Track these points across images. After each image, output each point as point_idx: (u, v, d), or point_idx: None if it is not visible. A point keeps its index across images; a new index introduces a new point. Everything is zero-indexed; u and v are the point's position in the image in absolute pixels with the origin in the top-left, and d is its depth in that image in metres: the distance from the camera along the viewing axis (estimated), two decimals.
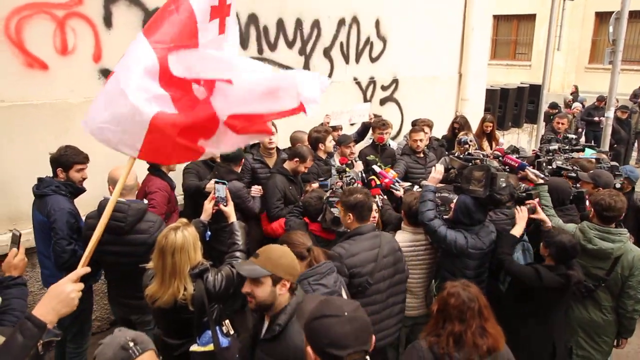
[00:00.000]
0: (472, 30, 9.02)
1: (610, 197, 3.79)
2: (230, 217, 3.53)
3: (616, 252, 3.73)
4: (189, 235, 2.86)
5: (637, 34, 17.81)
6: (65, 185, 3.89)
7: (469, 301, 2.55)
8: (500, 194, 3.64)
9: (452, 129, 7.27)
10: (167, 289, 2.80)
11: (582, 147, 5.76)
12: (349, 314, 1.89)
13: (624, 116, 10.83)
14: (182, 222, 2.94)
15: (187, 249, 2.82)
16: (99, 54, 4.88)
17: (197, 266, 2.89)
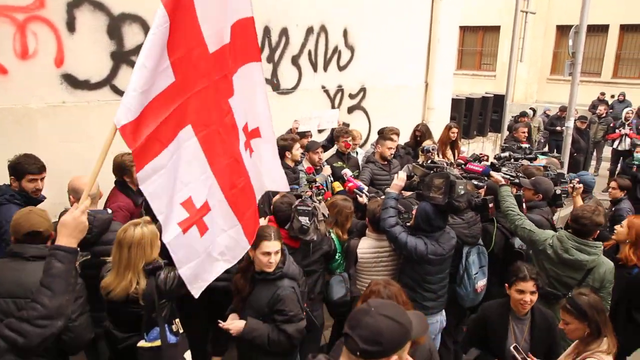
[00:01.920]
0: (438, 41, 9.20)
1: (592, 213, 3.84)
2: None
3: (590, 264, 3.79)
4: (147, 232, 2.94)
5: (595, 47, 18.48)
6: (20, 195, 3.75)
7: (387, 298, 2.72)
8: (459, 200, 3.70)
9: (414, 137, 7.36)
10: (121, 281, 2.89)
11: (535, 155, 5.95)
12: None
13: (583, 126, 11.18)
14: (145, 220, 3.01)
15: (143, 245, 2.90)
16: (61, 59, 4.78)
17: (152, 263, 2.96)
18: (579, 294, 3.08)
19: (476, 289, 4.22)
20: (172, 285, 2.96)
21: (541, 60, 20.16)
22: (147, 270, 2.92)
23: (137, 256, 2.88)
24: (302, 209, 3.72)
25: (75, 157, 4.73)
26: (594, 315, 2.94)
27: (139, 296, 2.88)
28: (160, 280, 2.93)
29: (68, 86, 4.86)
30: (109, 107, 5.14)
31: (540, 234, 4.05)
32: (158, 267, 2.95)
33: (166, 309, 3.00)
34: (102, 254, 3.44)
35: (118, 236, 2.91)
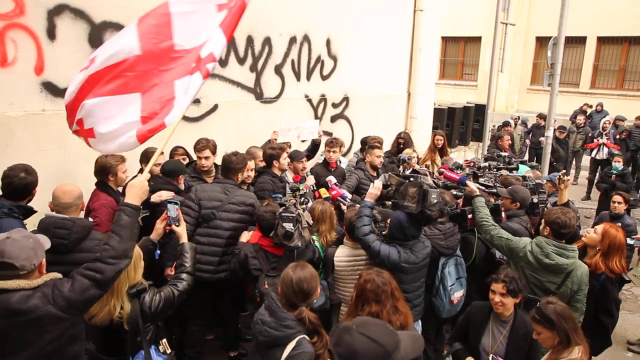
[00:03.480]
0: (420, 51, 9.32)
1: (565, 215, 3.92)
2: (182, 237, 3.47)
3: (569, 267, 3.86)
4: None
5: (573, 58, 18.84)
6: (19, 208, 3.67)
7: (382, 285, 3.10)
8: (431, 210, 3.72)
9: (397, 145, 7.42)
10: (104, 306, 2.76)
11: (516, 164, 6.03)
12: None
13: (562, 136, 11.37)
14: None
15: (127, 269, 2.76)
16: (41, 67, 4.74)
17: (136, 285, 2.86)
18: (546, 303, 3.13)
19: (452, 301, 4.24)
20: (157, 308, 2.88)
21: (521, 70, 20.48)
22: (131, 293, 2.81)
23: (120, 280, 2.75)
24: (286, 215, 3.74)
25: (53, 165, 4.70)
26: (561, 323, 3.00)
27: (123, 321, 2.77)
28: (145, 304, 2.85)
29: (48, 94, 4.81)
30: None
31: (518, 241, 4.10)
32: (142, 289, 2.86)
33: (151, 331, 2.93)
34: (80, 262, 3.36)
35: None
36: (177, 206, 3.55)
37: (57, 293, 2.44)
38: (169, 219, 3.52)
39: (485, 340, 3.62)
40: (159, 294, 2.94)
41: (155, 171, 4.80)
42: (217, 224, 4.35)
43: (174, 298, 3.00)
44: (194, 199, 4.36)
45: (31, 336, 2.41)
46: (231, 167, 4.53)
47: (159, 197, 4.36)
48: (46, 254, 2.66)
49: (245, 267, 3.89)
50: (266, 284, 3.77)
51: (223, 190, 4.45)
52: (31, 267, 2.44)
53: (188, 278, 3.19)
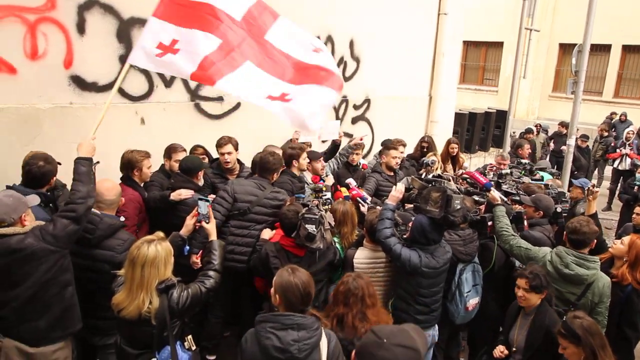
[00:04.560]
0: (443, 55, 9.28)
1: (578, 222, 3.93)
2: (211, 234, 3.52)
3: (590, 279, 3.81)
4: (161, 249, 2.84)
5: (598, 66, 18.58)
6: (40, 195, 3.71)
7: (353, 288, 3.15)
8: (454, 215, 3.73)
9: (420, 148, 7.39)
10: (133, 300, 2.80)
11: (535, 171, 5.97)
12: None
13: (584, 145, 11.23)
14: (158, 236, 2.92)
15: (157, 264, 2.81)
16: (70, 60, 4.81)
17: (165, 281, 2.88)
18: (573, 317, 3.10)
19: (467, 307, 4.24)
20: (185, 304, 2.91)
21: (543, 77, 20.26)
22: (159, 289, 2.85)
23: (150, 275, 2.79)
24: (309, 216, 3.75)
25: None
26: (587, 339, 2.96)
27: (151, 316, 2.81)
28: (172, 300, 2.88)
29: (76, 88, 4.89)
30: (116, 109, 5.16)
31: (537, 251, 4.07)
32: (171, 285, 2.89)
33: (178, 327, 2.96)
34: (100, 258, 3.48)
35: (131, 253, 2.82)
36: (208, 203, 3.62)
37: (45, 232, 3.08)
38: (199, 215, 3.57)
39: (512, 332, 3.76)
40: (186, 290, 2.96)
41: (175, 167, 4.84)
42: (251, 218, 4.42)
43: (201, 295, 3.03)
44: (230, 192, 4.43)
45: (29, 269, 3.06)
46: (268, 167, 4.58)
47: (179, 196, 4.40)
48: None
49: (266, 265, 3.91)
50: None
51: (258, 186, 4.52)
52: (10, 220, 3.05)
53: (216, 275, 3.21)
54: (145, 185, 4.75)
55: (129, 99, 5.32)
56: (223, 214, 4.36)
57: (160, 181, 4.79)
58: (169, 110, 5.59)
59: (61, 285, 3.19)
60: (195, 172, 4.65)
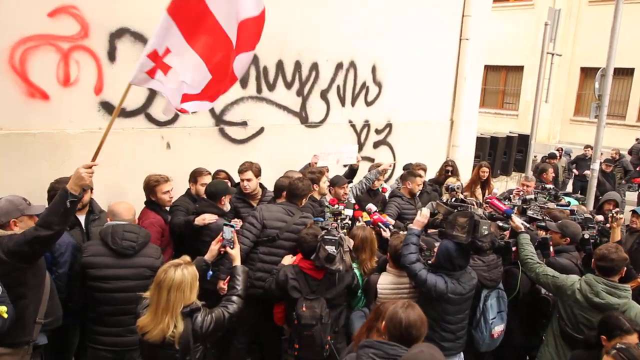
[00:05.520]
0: (465, 79, 9.29)
1: (606, 249, 3.85)
2: (235, 259, 3.54)
3: (621, 308, 3.71)
4: (188, 274, 2.86)
5: (620, 90, 18.40)
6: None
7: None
8: (482, 241, 3.70)
9: (444, 172, 7.35)
10: (158, 324, 2.80)
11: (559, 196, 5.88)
12: None
13: (609, 169, 11.07)
14: (184, 260, 2.95)
15: (183, 288, 2.83)
16: (100, 87, 4.94)
17: (190, 305, 2.90)
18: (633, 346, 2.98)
19: (492, 334, 4.17)
20: (208, 328, 2.93)
21: (564, 101, 20.13)
22: (184, 312, 2.87)
23: (176, 299, 2.82)
24: (329, 238, 3.77)
25: (107, 182, 4.84)
26: None
27: (175, 340, 2.82)
28: (197, 324, 2.89)
29: (105, 113, 5.00)
30: (144, 134, 5.29)
31: (565, 279, 3.97)
32: (196, 309, 2.91)
33: (200, 352, 2.98)
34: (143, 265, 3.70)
35: (158, 277, 2.86)
36: (233, 229, 3.63)
37: (6, 242, 3.10)
38: (224, 240, 3.59)
39: None
40: (210, 314, 2.98)
41: (201, 191, 4.89)
42: (280, 244, 4.43)
43: (224, 320, 3.05)
44: (259, 217, 4.45)
45: None
46: (297, 192, 4.62)
47: (203, 221, 4.43)
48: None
49: (283, 288, 3.91)
50: (304, 307, 3.80)
51: (287, 211, 4.54)
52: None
53: (239, 301, 3.23)
54: (171, 209, 4.79)
55: (155, 124, 5.43)
56: (252, 240, 4.39)
57: (186, 205, 4.82)
58: (194, 135, 5.69)
59: (14, 296, 3.12)
60: (219, 197, 4.67)
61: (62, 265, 3.67)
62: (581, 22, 19.25)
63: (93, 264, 3.61)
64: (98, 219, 4.30)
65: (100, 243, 3.67)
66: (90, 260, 3.61)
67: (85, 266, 3.60)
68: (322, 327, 3.79)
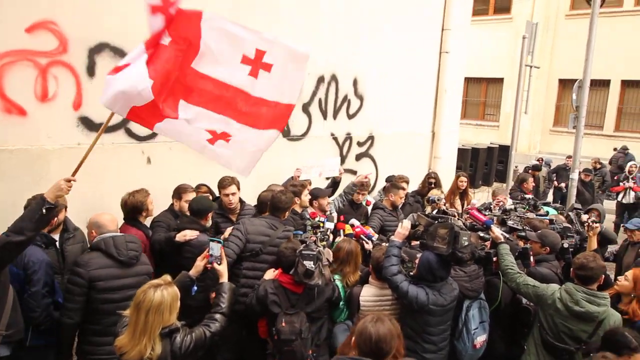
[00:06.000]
0: (445, 91, 9.43)
1: (585, 257, 3.90)
2: (222, 276, 3.51)
3: (601, 316, 3.75)
4: (167, 295, 2.81)
5: (598, 100, 18.77)
6: (41, 236, 3.78)
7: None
8: (462, 252, 3.72)
9: (428, 185, 7.40)
10: (135, 345, 2.74)
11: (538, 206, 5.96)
12: None
13: (587, 179, 11.26)
14: (165, 281, 2.89)
15: (162, 310, 2.77)
16: (79, 102, 4.90)
17: (169, 326, 2.85)
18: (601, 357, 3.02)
19: (475, 345, 4.18)
20: (188, 348, 2.88)
21: (544, 112, 20.46)
22: (162, 334, 2.81)
23: (154, 322, 2.76)
24: (307, 253, 3.74)
25: (87, 197, 4.80)
26: None
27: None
28: (175, 345, 2.84)
29: (84, 129, 4.96)
30: (124, 149, 5.25)
31: (545, 289, 4.00)
32: (175, 329, 2.86)
33: None
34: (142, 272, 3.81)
35: (137, 297, 2.80)
36: (220, 245, 3.60)
37: None
38: (211, 257, 3.55)
39: None
40: (190, 334, 2.93)
41: (185, 208, 4.86)
42: (263, 259, 4.41)
43: (205, 339, 3.00)
44: (243, 231, 4.44)
45: None
46: (280, 206, 4.62)
47: (184, 237, 4.38)
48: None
49: (263, 303, 3.88)
50: (284, 322, 3.77)
51: (270, 225, 4.54)
52: None
53: (222, 319, 3.19)
54: (152, 225, 4.75)
55: (135, 138, 5.40)
56: (236, 253, 4.35)
57: (167, 222, 4.77)
58: (175, 150, 5.65)
59: None
60: (205, 214, 4.63)
61: (35, 284, 3.56)
62: (558, 35, 19.65)
63: (101, 276, 3.60)
64: (73, 237, 4.22)
65: (103, 255, 3.66)
66: (98, 273, 3.59)
67: (92, 280, 3.56)
68: (302, 341, 3.76)
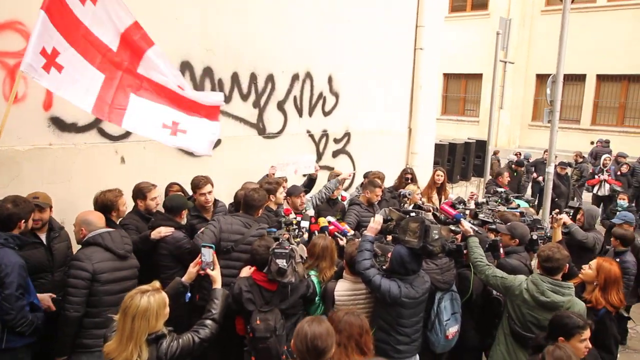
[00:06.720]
0: (421, 88, 9.51)
1: (550, 249, 3.99)
2: (216, 282, 3.53)
3: (566, 305, 3.84)
4: (154, 301, 2.80)
5: (574, 95, 19.11)
6: (13, 238, 3.74)
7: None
8: (433, 245, 3.78)
9: (404, 180, 7.46)
10: (122, 351, 2.74)
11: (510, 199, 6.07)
12: None
13: (563, 172, 11.45)
14: (153, 287, 2.89)
15: (148, 316, 2.76)
16: (49, 102, 4.87)
17: (155, 332, 2.85)
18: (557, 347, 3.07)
19: (447, 336, 4.25)
20: (174, 355, 2.88)
21: (522, 106, 20.76)
22: (149, 340, 2.81)
23: (140, 328, 2.75)
24: (279, 251, 3.77)
25: (60, 198, 4.75)
26: None
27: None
28: (161, 351, 2.84)
29: (55, 129, 4.94)
30: (96, 148, 5.23)
31: (513, 280, 4.10)
32: (161, 335, 2.86)
33: None
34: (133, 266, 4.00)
35: (124, 302, 2.80)
36: (212, 250, 3.60)
37: None
38: (203, 263, 3.56)
39: None
40: (177, 340, 2.93)
41: (152, 206, 4.86)
42: (237, 256, 4.42)
43: (193, 345, 3.00)
44: (218, 227, 4.48)
45: None
46: (253, 204, 4.64)
47: (159, 234, 4.42)
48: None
49: (238, 301, 3.90)
50: (258, 320, 3.79)
51: (244, 224, 4.56)
52: None
53: (212, 326, 3.20)
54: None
55: (108, 138, 5.38)
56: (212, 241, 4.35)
57: (136, 224, 4.74)
58: (148, 149, 5.64)
59: None
60: (179, 211, 4.67)
61: (8, 286, 3.53)
62: (535, 31, 19.95)
63: (103, 269, 3.75)
64: (58, 236, 4.27)
65: (101, 249, 3.80)
66: (101, 267, 3.74)
67: (96, 272, 3.71)
68: (277, 338, 3.79)
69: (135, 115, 4.37)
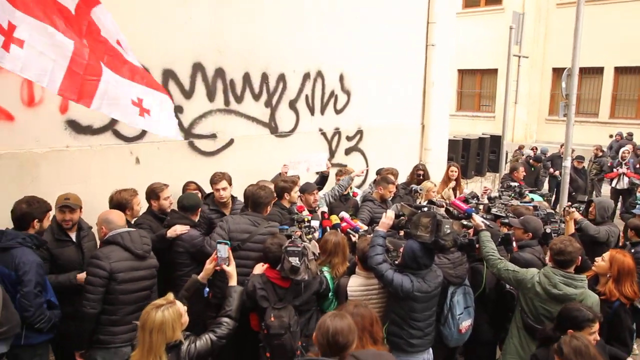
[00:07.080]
0: (433, 84, 9.49)
1: (562, 242, 3.98)
2: (232, 278, 3.61)
3: (579, 298, 3.82)
4: (169, 315, 2.88)
5: (592, 88, 18.80)
6: (31, 238, 3.86)
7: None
8: (445, 239, 3.79)
9: (416, 177, 7.47)
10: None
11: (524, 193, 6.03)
12: None
13: (580, 166, 11.31)
14: (167, 300, 2.96)
15: (164, 329, 2.85)
16: (66, 105, 4.97)
17: (173, 342, 2.92)
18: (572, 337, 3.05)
19: (460, 330, 4.27)
20: (193, 357, 2.97)
21: (539, 101, 20.51)
22: (167, 347, 2.89)
23: (158, 341, 2.84)
24: (292, 249, 3.79)
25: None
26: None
27: None
28: (181, 356, 2.93)
29: (72, 131, 5.05)
30: (112, 150, 5.34)
31: (525, 273, 4.09)
32: (179, 343, 2.95)
33: None
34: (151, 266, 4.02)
35: (142, 318, 2.90)
36: (228, 246, 3.66)
37: None
38: (219, 259, 3.64)
39: None
40: (194, 343, 3.01)
41: (165, 206, 4.95)
42: (246, 255, 4.45)
43: (211, 345, 3.09)
44: (225, 229, 4.51)
45: None
46: (260, 201, 4.66)
47: (174, 232, 4.50)
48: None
49: (252, 298, 3.95)
50: (272, 317, 3.82)
51: (252, 222, 4.59)
52: None
53: (229, 322, 3.29)
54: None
55: (123, 139, 5.48)
56: None
57: (150, 224, 4.81)
58: (163, 149, 5.74)
59: None
60: (194, 210, 4.75)
61: (27, 284, 3.65)
62: (551, 25, 19.68)
63: (120, 268, 3.78)
64: (87, 235, 4.44)
65: (120, 249, 3.83)
66: (118, 266, 3.77)
67: (113, 271, 3.74)
68: (291, 334, 3.82)
69: (105, 91, 3.82)
